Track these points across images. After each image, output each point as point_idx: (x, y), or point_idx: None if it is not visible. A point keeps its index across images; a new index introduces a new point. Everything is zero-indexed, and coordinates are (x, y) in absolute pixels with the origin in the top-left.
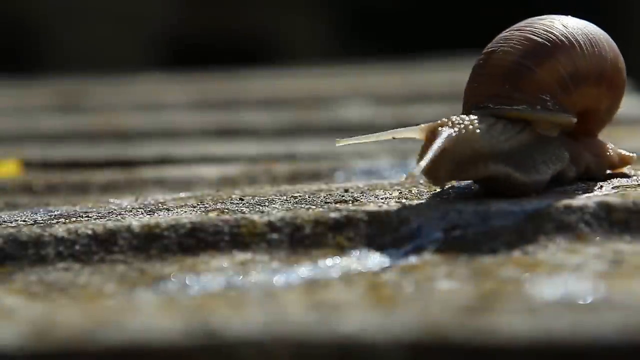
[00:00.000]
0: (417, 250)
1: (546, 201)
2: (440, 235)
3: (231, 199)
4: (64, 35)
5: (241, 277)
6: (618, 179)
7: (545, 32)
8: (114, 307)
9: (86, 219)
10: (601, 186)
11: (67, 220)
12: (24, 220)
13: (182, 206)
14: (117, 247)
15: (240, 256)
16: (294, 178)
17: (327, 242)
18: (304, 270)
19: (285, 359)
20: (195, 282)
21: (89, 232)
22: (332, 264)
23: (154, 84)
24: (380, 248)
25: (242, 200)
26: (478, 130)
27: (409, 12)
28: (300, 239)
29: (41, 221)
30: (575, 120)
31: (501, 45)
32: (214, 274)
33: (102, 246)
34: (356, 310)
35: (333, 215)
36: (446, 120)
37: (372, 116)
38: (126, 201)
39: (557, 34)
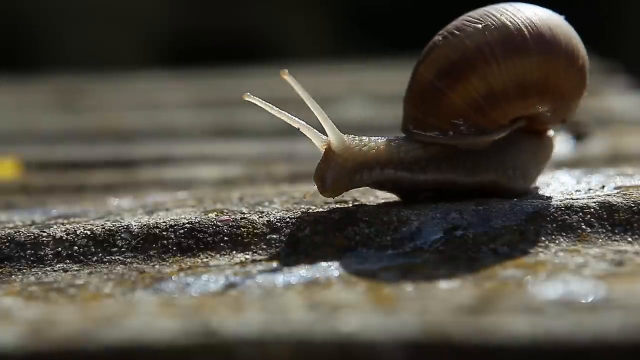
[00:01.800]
0: (417, 250)
1: (547, 201)
2: (440, 235)
3: (231, 199)
4: (63, 34)
5: (241, 277)
6: (620, 178)
7: (461, 46)
8: (113, 307)
9: (85, 219)
10: (603, 186)
11: (65, 221)
12: (22, 221)
13: (182, 206)
14: (115, 247)
15: (240, 256)
16: (294, 178)
17: (327, 242)
18: (303, 270)
19: (285, 358)
20: (195, 282)
21: (88, 232)
22: (332, 264)
23: (153, 83)
24: (381, 248)
25: (242, 200)
26: (373, 143)
27: (409, 10)
28: (300, 239)
29: (39, 222)
30: (493, 138)
31: (425, 57)
32: (213, 274)
33: (100, 247)
34: (356, 310)
35: (333, 215)
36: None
37: (372, 115)
38: (125, 201)
39: (473, 48)
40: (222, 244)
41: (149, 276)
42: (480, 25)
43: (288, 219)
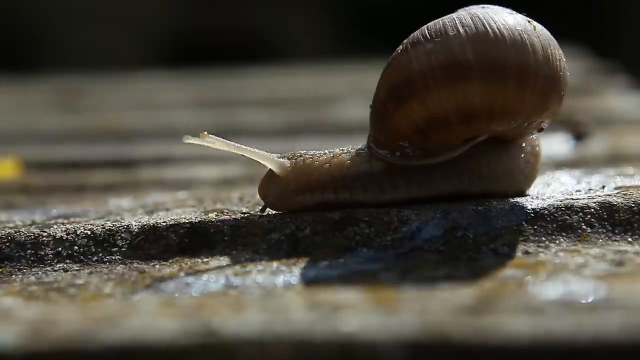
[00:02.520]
0: (418, 250)
1: (547, 201)
2: (441, 235)
3: (231, 199)
4: (63, 34)
5: (241, 277)
6: (620, 178)
7: (407, 69)
8: (113, 307)
9: (85, 219)
10: (603, 186)
11: (65, 221)
12: (22, 221)
13: (182, 206)
14: (116, 247)
15: (240, 256)
16: None
17: (327, 242)
18: (303, 270)
19: (285, 358)
20: (195, 282)
21: (88, 232)
22: (332, 264)
23: (153, 83)
24: (381, 248)
25: (242, 200)
26: (317, 163)
27: (409, 10)
28: (300, 239)
29: (39, 221)
30: (442, 159)
31: (384, 71)
32: (213, 274)
33: (100, 246)
34: (356, 310)
35: (333, 215)
36: (290, 154)
37: None
38: (125, 201)
39: (417, 72)
40: (222, 244)
41: (149, 276)
42: (430, 46)
43: (288, 219)
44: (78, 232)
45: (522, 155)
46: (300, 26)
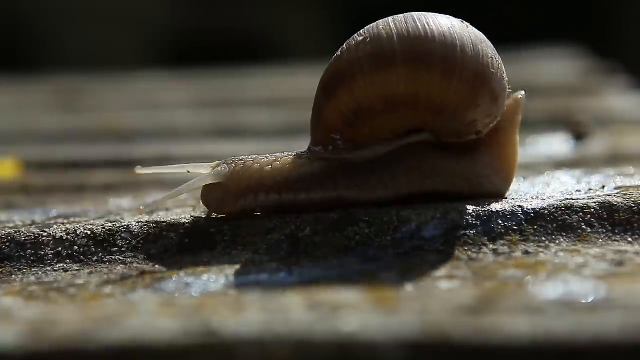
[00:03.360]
0: (417, 250)
1: (547, 201)
2: (441, 235)
3: None
4: (63, 34)
5: (241, 277)
6: (620, 178)
7: (337, 62)
8: (113, 307)
9: (85, 219)
10: (603, 186)
11: (65, 221)
12: (22, 221)
13: (182, 206)
14: (116, 247)
15: (240, 256)
16: None
17: (327, 242)
18: (303, 270)
19: (285, 358)
20: (195, 282)
21: (88, 232)
22: (332, 264)
23: (153, 83)
24: (381, 248)
25: None
26: (257, 166)
27: (409, 10)
28: (301, 239)
29: (39, 221)
30: (373, 154)
31: (327, 66)
32: (213, 274)
33: (100, 246)
34: (356, 310)
35: (333, 215)
36: (230, 160)
37: None
38: (125, 201)
39: (345, 63)
40: (222, 244)
41: (149, 276)
42: (361, 39)
43: (288, 219)
44: (78, 232)
45: (479, 159)
46: (301, 26)
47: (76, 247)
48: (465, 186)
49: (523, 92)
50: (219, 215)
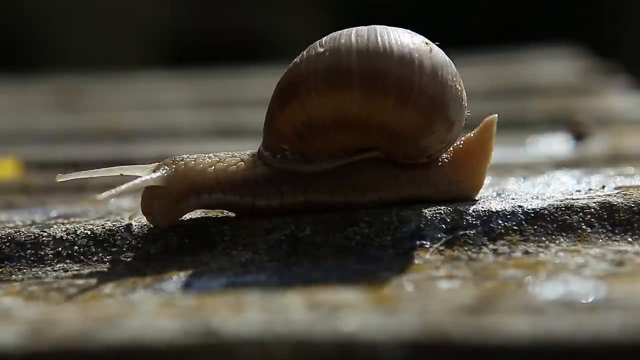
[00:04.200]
0: (418, 250)
1: (547, 201)
2: (441, 235)
3: None
4: (63, 34)
5: (241, 277)
6: (620, 178)
7: (295, 71)
8: (113, 307)
9: (85, 219)
10: (603, 186)
11: (65, 221)
12: (22, 221)
13: None
14: (116, 247)
15: (240, 256)
16: None
17: (327, 242)
18: (304, 270)
19: (285, 358)
20: (195, 282)
21: (88, 232)
22: (332, 264)
23: (153, 83)
24: (381, 248)
25: None
26: (200, 166)
27: (410, 11)
28: (301, 239)
29: (39, 221)
30: (320, 168)
31: (286, 71)
32: (213, 274)
33: (100, 246)
34: (356, 310)
35: (333, 215)
36: (169, 160)
37: None
38: (125, 201)
39: (301, 74)
40: (222, 244)
41: (149, 276)
42: (321, 50)
43: (288, 219)
44: (78, 232)
45: (428, 176)
46: (301, 26)
47: (76, 247)
48: (418, 193)
49: (496, 116)
50: (162, 226)
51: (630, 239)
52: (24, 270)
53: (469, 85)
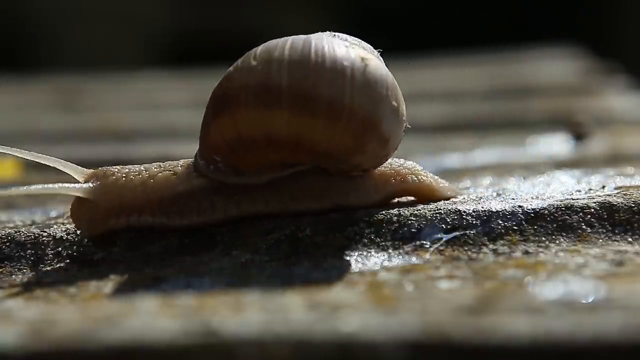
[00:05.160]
0: (418, 250)
1: (547, 201)
2: (441, 235)
3: None
4: (63, 34)
5: (241, 277)
6: (620, 178)
7: (228, 82)
8: (113, 307)
9: None
10: (603, 186)
11: (65, 221)
12: (22, 221)
13: None
14: (116, 247)
15: (241, 256)
16: None
17: (327, 242)
18: (304, 270)
19: (285, 358)
20: (195, 282)
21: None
22: (332, 264)
23: (153, 83)
24: (381, 248)
25: None
26: (131, 184)
27: (409, 11)
28: (301, 239)
29: (39, 221)
30: (253, 181)
31: (223, 76)
32: (213, 274)
33: (101, 246)
34: (356, 310)
35: (333, 215)
36: (101, 172)
37: None
38: None
39: (235, 87)
40: (222, 244)
41: (149, 276)
42: (254, 63)
43: (288, 219)
44: (78, 231)
45: (359, 188)
46: (301, 27)
47: (76, 247)
48: (343, 202)
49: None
50: (91, 235)
51: (630, 239)
52: (24, 270)
53: (469, 85)
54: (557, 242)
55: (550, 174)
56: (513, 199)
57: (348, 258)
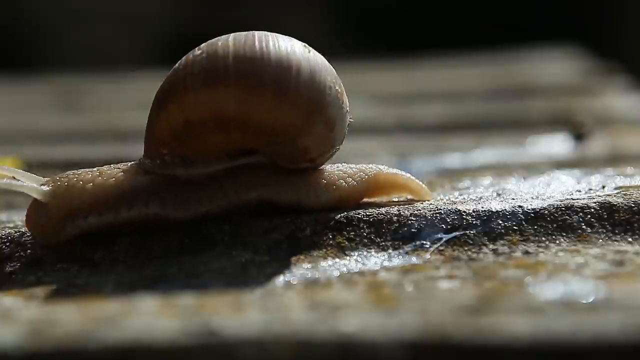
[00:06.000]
0: (418, 250)
1: (547, 201)
2: (441, 235)
3: None
4: (63, 34)
5: (241, 277)
6: (620, 178)
7: (173, 73)
8: (113, 307)
9: None
10: (603, 186)
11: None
12: (22, 221)
13: None
14: (116, 247)
15: (240, 256)
16: None
17: (327, 242)
18: (303, 270)
19: (285, 358)
20: (195, 282)
21: None
22: (332, 264)
23: (153, 83)
24: (381, 248)
25: None
26: (80, 184)
27: (409, 11)
28: (301, 239)
29: None
30: (201, 171)
31: (164, 78)
32: (214, 274)
33: (100, 246)
34: (356, 310)
35: (333, 215)
36: (57, 177)
37: (373, 115)
38: None
39: (179, 76)
40: (222, 244)
41: (149, 276)
42: (198, 52)
43: (288, 219)
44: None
45: (307, 184)
46: (301, 26)
47: (76, 247)
48: (294, 197)
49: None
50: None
51: (630, 239)
52: (24, 270)
53: (469, 85)
54: (557, 242)
55: (550, 174)
56: (513, 199)
57: (348, 258)
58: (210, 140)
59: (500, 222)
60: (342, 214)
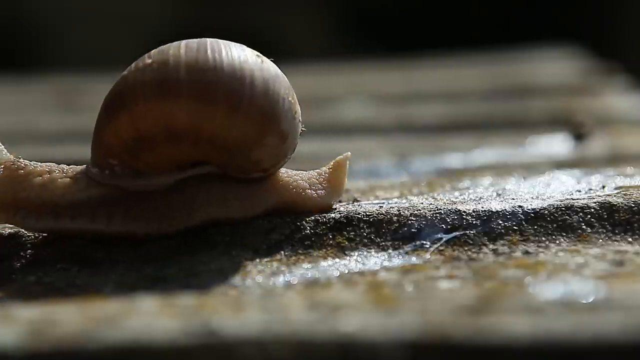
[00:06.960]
0: (418, 250)
1: (547, 201)
2: (441, 235)
3: None
4: (63, 34)
5: (241, 277)
6: (620, 178)
7: (122, 81)
8: (113, 307)
9: None
10: (603, 186)
11: None
12: None
13: None
14: (116, 247)
15: (240, 256)
16: None
17: (327, 242)
18: (303, 270)
19: (285, 358)
20: (195, 282)
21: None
22: (332, 264)
23: None
24: (381, 248)
25: None
26: (30, 178)
27: (409, 11)
28: (301, 239)
29: None
30: (152, 183)
31: (114, 83)
32: (213, 274)
33: (100, 246)
34: (356, 310)
35: (333, 215)
36: (16, 161)
37: (372, 115)
38: None
39: (129, 85)
40: (222, 244)
41: (149, 276)
42: (149, 61)
43: (288, 219)
44: None
45: (260, 195)
46: (300, 26)
47: (76, 247)
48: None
49: (349, 154)
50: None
51: (630, 239)
52: (24, 270)
53: (469, 85)
54: (557, 242)
55: (550, 174)
56: (513, 199)
57: (348, 258)
58: (160, 152)
59: (500, 222)
60: (342, 214)
